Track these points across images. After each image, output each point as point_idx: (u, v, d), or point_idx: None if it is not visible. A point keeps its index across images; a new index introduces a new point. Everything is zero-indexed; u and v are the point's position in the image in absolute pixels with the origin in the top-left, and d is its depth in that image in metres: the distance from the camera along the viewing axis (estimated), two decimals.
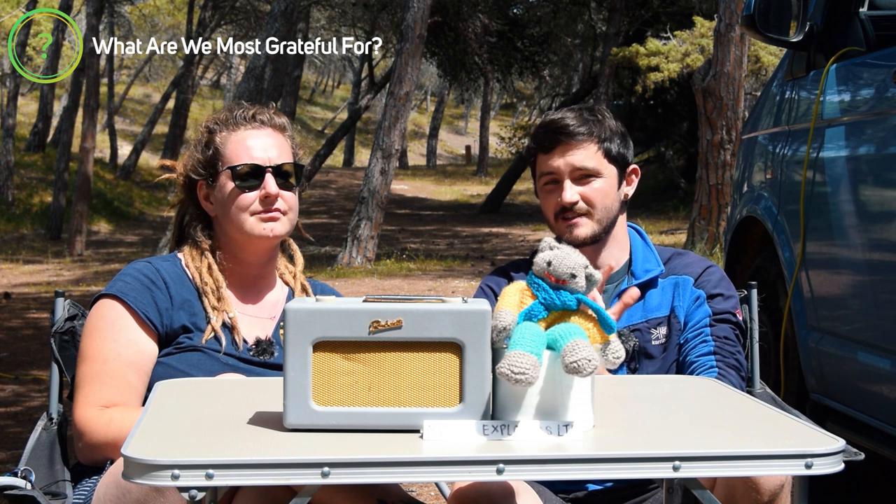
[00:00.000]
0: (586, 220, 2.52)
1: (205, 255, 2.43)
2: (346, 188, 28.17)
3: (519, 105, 47.07)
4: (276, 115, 2.48)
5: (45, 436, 2.34)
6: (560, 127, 2.52)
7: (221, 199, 2.41)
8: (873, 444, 3.24)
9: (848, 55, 3.72)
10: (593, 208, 2.51)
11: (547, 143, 2.53)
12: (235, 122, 2.44)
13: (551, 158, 2.53)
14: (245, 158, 2.40)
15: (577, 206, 2.51)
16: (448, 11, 21.09)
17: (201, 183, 2.45)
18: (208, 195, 2.45)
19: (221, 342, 2.34)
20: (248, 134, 2.43)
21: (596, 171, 2.52)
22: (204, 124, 2.48)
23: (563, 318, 1.69)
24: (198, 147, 2.46)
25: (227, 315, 2.38)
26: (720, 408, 1.94)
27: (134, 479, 1.47)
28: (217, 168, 2.42)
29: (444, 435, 1.59)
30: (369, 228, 13.34)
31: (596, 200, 2.51)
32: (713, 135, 10.95)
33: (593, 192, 2.51)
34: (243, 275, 2.47)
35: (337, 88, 55.99)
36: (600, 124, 2.53)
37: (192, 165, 2.46)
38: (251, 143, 2.42)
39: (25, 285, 12.25)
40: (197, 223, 2.48)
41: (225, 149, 2.42)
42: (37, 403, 5.91)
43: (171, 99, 27.62)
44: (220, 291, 2.40)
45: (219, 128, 2.45)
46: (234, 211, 2.39)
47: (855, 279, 3.48)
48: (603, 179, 2.52)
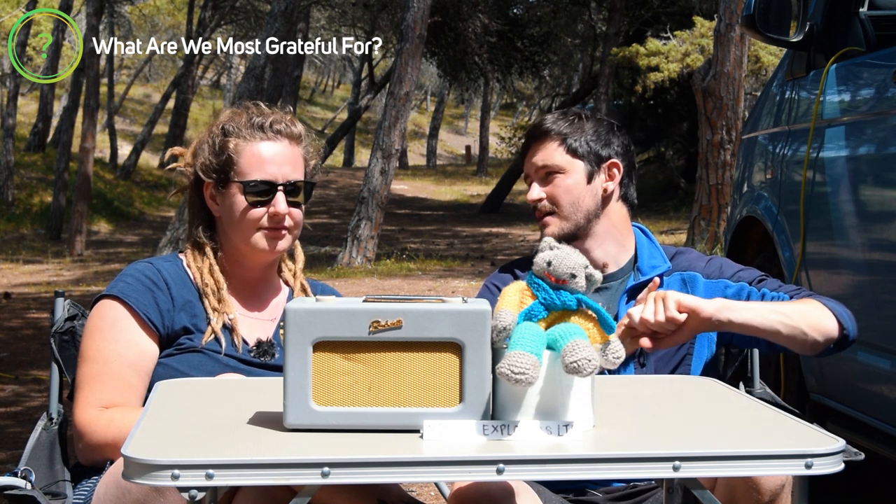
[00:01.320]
0: (553, 218, 2.54)
1: (206, 255, 2.43)
2: (346, 188, 28.15)
3: (519, 105, 47.08)
4: (292, 123, 2.43)
5: (45, 436, 2.33)
6: (531, 129, 2.60)
7: (229, 208, 2.39)
8: (873, 444, 3.24)
9: (848, 55, 3.72)
10: (558, 206, 2.53)
11: (523, 146, 2.63)
12: (252, 131, 2.39)
13: (526, 159, 2.60)
14: (258, 174, 2.36)
15: (541, 205, 2.55)
16: (448, 11, 21.10)
17: (209, 184, 2.43)
18: (215, 197, 2.43)
19: (221, 343, 2.34)
20: (263, 146, 2.38)
21: (558, 167, 2.54)
22: (219, 124, 2.43)
23: (563, 318, 1.69)
24: (211, 148, 2.42)
25: (228, 316, 2.38)
26: (720, 408, 1.94)
27: (134, 479, 1.47)
28: (228, 176, 2.38)
29: (444, 435, 1.59)
30: (369, 228, 13.34)
31: (559, 197, 2.53)
32: (713, 135, 10.95)
33: (556, 190, 2.53)
34: (245, 277, 2.47)
35: (337, 88, 55.99)
36: (570, 123, 2.56)
37: (203, 166, 2.42)
38: (266, 157, 2.37)
39: (25, 285, 12.25)
40: (199, 222, 2.47)
41: (239, 158, 2.37)
42: (37, 403, 5.91)
43: (171, 99, 27.65)
44: (221, 293, 2.39)
45: (234, 133, 2.39)
46: (240, 223, 2.38)
47: (855, 279, 3.48)
48: (566, 176, 2.53)
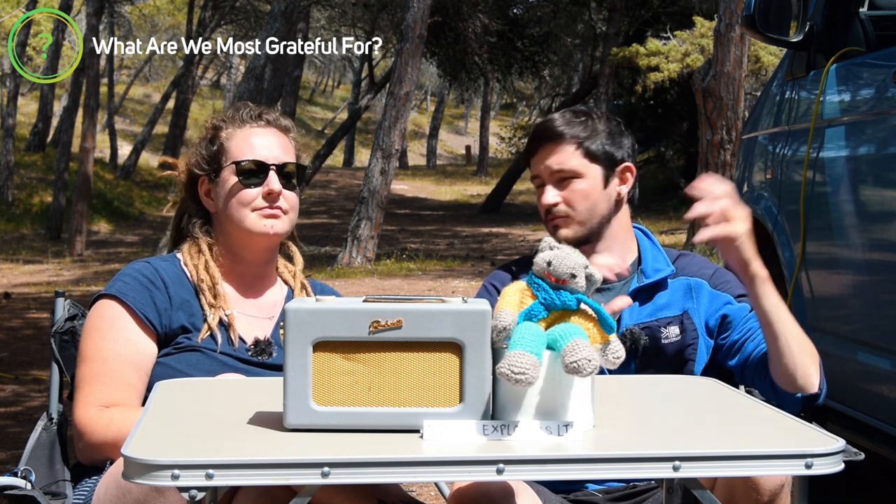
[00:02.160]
0: (568, 222, 2.51)
1: (202, 252, 2.44)
2: (346, 188, 28.16)
3: (519, 105, 47.10)
4: (281, 116, 2.51)
5: (45, 436, 2.34)
6: (542, 130, 2.54)
7: (223, 195, 2.42)
8: (873, 444, 3.24)
9: (848, 55, 3.72)
10: (573, 210, 2.50)
11: (531, 146, 2.56)
12: (241, 120, 2.47)
13: (535, 161, 2.55)
14: (249, 155, 2.42)
15: (557, 209, 2.51)
16: (448, 11, 21.09)
17: (203, 178, 2.46)
18: (209, 191, 2.46)
19: (217, 340, 2.34)
20: (253, 132, 2.45)
21: (575, 172, 2.50)
22: (210, 121, 2.50)
23: (563, 318, 1.69)
24: (202, 143, 2.48)
25: (224, 312, 2.38)
26: (720, 408, 1.94)
27: (134, 479, 1.46)
28: (220, 163, 2.43)
29: (444, 435, 1.59)
30: (369, 228, 13.34)
31: (576, 202, 2.50)
32: (713, 135, 10.94)
33: (573, 195, 2.50)
34: (242, 273, 2.46)
35: (337, 88, 56.00)
36: (583, 125, 2.52)
37: (196, 160, 2.47)
38: (256, 141, 2.44)
39: (25, 285, 12.25)
40: (196, 219, 2.48)
41: (230, 144, 2.44)
42: (37, 403, 5.91)
43: (171, 99, 27.63)
44: (217, 288, 2.39)
45: (224, 124, 2.47)
46: (235, 206, 2.40)
47: (855, 279, 3.48)
48: (583, 180, 2.51)
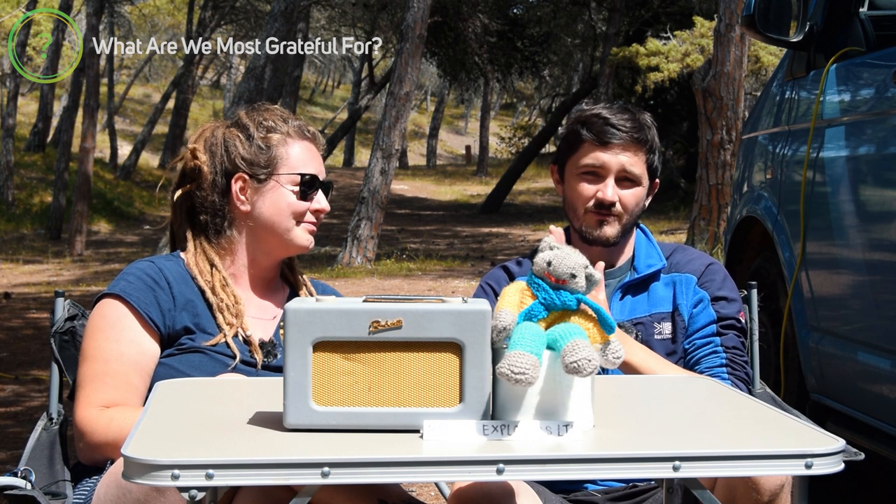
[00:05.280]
0: (616, 221, 2.53)
1: (217, 269, 2.40)
2: (346, 188, 28.14)
3: (519, 105, 47.11)
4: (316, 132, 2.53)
5: (45, 436, 2.33)
6: (619, 125, 2.50)
7: (271, 201, 2.41)
8: (873, 444, 3.24)
9: (848, 55, 3.72)
10: (626, 212, 2.53)
11: (605, 137, 2.51)
12: (294, 131, 2.46)
13: (604, 152, 2.51)
14: (311, 169, 2.44)
15: (615, 208, 2.52)
16: (448, 11, 21.10)
17: (241, 176, 2.41)
18: (246, 190, 2.42)
19: (236, 355, 2.32)
20: (306, 145, 2.46)
21: (639, 178, 2.54)
22: (261, 122, 2.45)
23: (563, 318, 1.69)
24: (250, 141, 2.42)
25: (245, 333, 2.36)
26: (720, 408, 1.94)
27: (134, 479, 1.46)
28: (273, 169, 2.41)
29: (444, 435, 1.59)
30: (369, 228, 13.33)
31: (630, 206, 2.53)
32: (713, 135, 10.94)
33: (630, 198, 2.53)
34: (253, 276, 2.46)
35: (337, 88, 56.00)
36: (651, 132, 2.55)
37: (241, 157, 2.41)
38: (310, 156, 2.46)
39: (25, 285, 12.25)
40: (206, 216, 2.43)
41: (285, 152, 2.42)
42: (37, 403, 5.91)
43: (171, 99, 27.65)
44: (238, 307, 2.38)
45: (277, 129, 2.44)
46: (285, 215, 2.41)
47: (855, 279, 3.48)
48: (641, 188, 2.55)
